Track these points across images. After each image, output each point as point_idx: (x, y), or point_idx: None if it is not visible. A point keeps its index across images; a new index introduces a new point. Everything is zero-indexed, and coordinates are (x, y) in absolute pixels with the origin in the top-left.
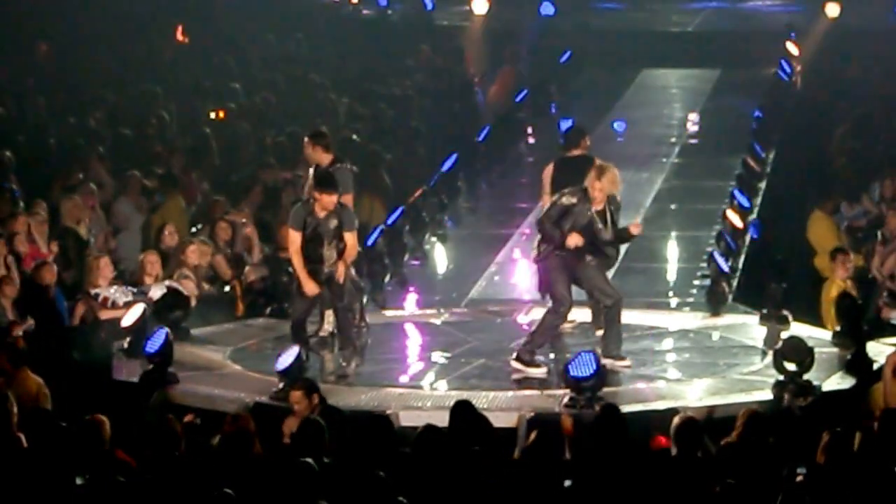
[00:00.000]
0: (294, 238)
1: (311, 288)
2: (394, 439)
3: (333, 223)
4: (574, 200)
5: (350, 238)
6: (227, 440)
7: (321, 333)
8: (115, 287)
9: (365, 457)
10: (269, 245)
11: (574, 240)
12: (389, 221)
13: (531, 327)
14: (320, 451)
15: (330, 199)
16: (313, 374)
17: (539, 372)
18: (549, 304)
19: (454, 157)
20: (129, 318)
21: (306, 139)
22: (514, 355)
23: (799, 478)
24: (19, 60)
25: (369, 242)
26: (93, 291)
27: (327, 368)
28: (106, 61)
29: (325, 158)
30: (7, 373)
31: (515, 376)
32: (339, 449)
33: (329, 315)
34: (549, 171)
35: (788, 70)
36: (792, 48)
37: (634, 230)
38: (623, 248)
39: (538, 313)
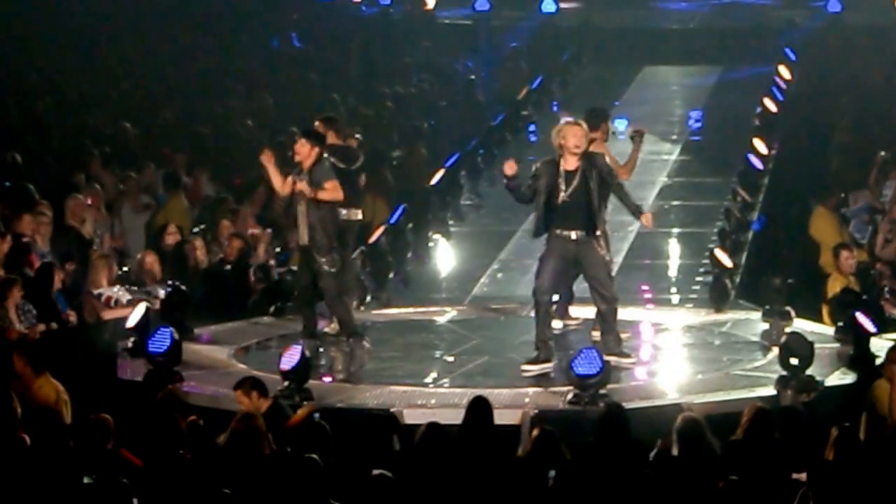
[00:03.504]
0: (287, 181)
1: (278, 182)
2: (402, 436)
3: (304, 180)
4: (540, 166)
5: (329, 185)
6: (235, 439)
7: (327, 330)
8: (118, 286)
9: (370, 456)
10: (274, 243)
11: (509, 167)
12: (392, 220)
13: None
14: (324, 452)
15: (298, 145)
16: (319, 372)
17: (549, 366)
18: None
19: (456, 156)
20: (134, 317)
21: (318, 122)
22: (527, 360)
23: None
24: (25, 61)
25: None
26: (96, 291)
27: (334, 366)
28: (108, 61)
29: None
30: (26, 377)
31: (525, 375)
32: (343, 448)
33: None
34: None
35: (781, 94)
36: (784, 71)
37: (645, 221)
38: (625, 246)
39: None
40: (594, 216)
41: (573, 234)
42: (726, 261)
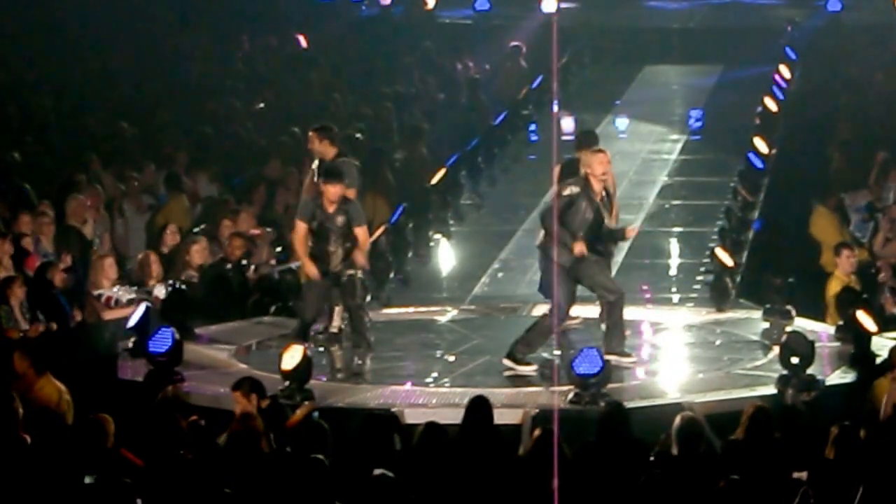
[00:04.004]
0: (299, 227)
1: (312, 271)
2: (400, 436)
3: (341, 220)
4: (577, 190)
5: (361, 233)
6: (234, 439)
7: (331, 330)
8: (118, 287)
9: (371, 455)
10: (275, 243)
11: (580, 248)
12: (393, 219)
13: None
14: (323, 452)
15: (334, 190)
16: (323, 372)
17: (529, 370)
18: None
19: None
20: (134, 317)
21: (311, 133)
22: (507, 352)
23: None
24: (25, 61)
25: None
26: (96, 292)
27: (337, 365)
28: (110, 61)
29: (330, 152)
30: (28, 378)
31: (507, 374)
32: (344, 448)
33: (338, 311)
34: (556, 172)
35: (781, 93)
36: (784, 71)
37: (629, 234)
38: (626, 244)
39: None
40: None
41: (587, 255)
42: (727, 260)
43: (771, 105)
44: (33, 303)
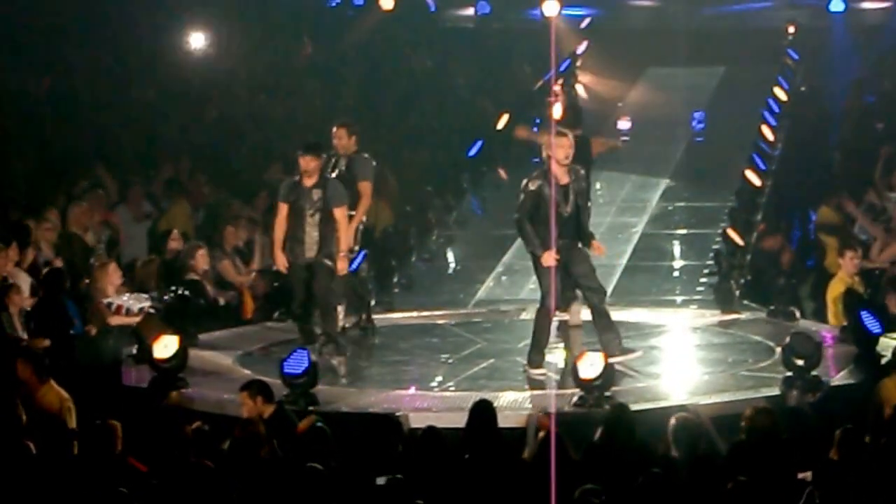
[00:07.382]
0: (279, 209)
1: (280, 261)
2: (404, 441)
3: (317, 194)
4: (539, 184)
5: (339, 214)
6: (235, 445)
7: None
8: (127, 294)
9: (373, 459)
10: None
11: (548, 260)
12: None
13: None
14: (326, 456)
15: (305, 161)
16: (322, 374)
17: (538, 373)
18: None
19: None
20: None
21: (341, 128)
22: (526, 361)
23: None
24: (26, 67)
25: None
26: (105, 301)
27: (336, 369)
28: (111, 66)
29: (352, 148)
30: (31, 385)
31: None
32: (347, 452)
33: (341, 310)
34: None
35: (784, 94)
36: (787, 72)
37: (598, 250)
38: (629, 248)
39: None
40: (585, 226)
41: (563, 242)
42: (738, 240)
43: (773, 106)
44: (43, 310)
